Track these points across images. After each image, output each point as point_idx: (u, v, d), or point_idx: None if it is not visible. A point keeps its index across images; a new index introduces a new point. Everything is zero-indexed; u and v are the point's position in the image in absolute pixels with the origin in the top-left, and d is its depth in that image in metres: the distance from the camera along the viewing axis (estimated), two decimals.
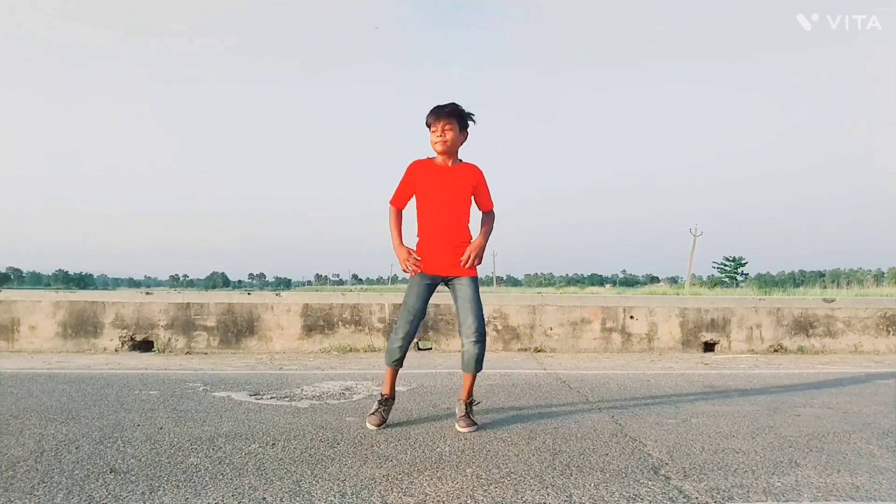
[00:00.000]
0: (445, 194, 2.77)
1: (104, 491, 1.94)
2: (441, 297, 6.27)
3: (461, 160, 2.87)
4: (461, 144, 2.82)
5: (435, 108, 2.75)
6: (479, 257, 2.82)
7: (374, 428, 2.74)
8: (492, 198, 2.94)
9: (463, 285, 2.79)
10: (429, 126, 2.77)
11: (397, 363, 2.86)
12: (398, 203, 2.87)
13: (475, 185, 2.85)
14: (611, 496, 1.92)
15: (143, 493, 1.93)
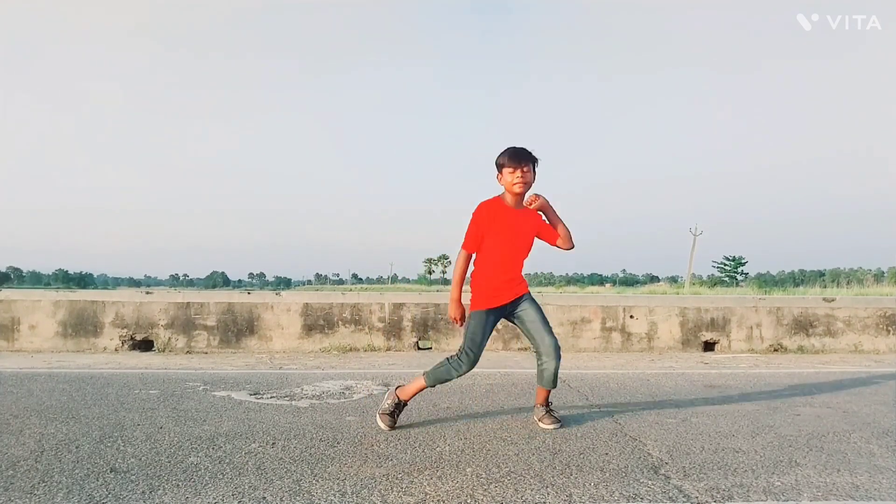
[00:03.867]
0: (515, 238, 2.82)
1: (104, 490, 1.95)
2: (442, 296, 6.27)
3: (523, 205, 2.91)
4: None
5: (517, 150, 2.76)
6: (544, 203, 2.89)
7: (386, 428, 2.75)
8: (550, 226, 2.96)
9: (526, 309, 2.87)
10: (502, 166, 2.79)
11: (433, 387, 2.90)
12: (473, 248, 2.85)
13: (540, 231, 2.91)
14: (611, 495, 1.92)
15: (143, 492, 1.93)
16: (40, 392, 3.62)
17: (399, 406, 2.85)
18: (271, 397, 3.50)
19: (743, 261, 66.68)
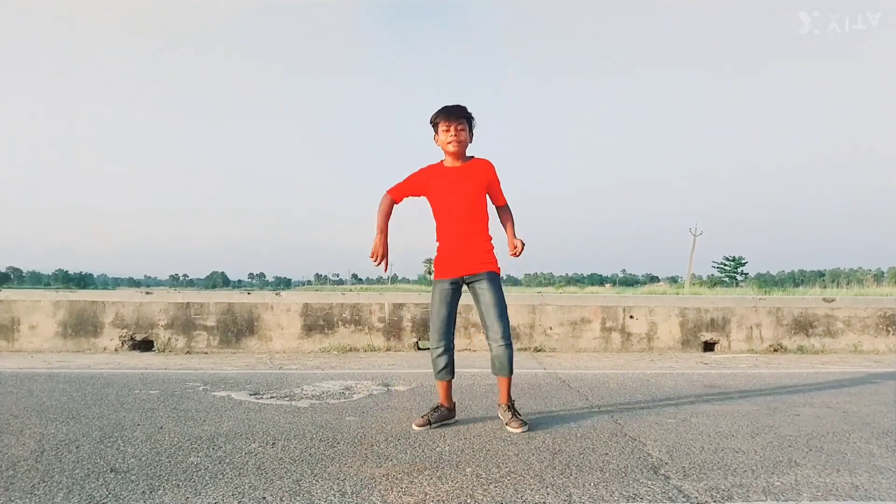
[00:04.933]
0: (460, 196, 2.75)
1: (104, 490, 1.95)
2: None
3: (471, 156, 2.85)
4: (468, 146, 2.80)
5: (445, 108, 2.72)
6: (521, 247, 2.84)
7: (418, 428, 2.73)
8: (503, 192, 2.90)
9: (484, 289, 2.77)
10: (435, 125, 2.74)
11: (445, 373, 2.81)
12: (395, 194, 2.84)
13: (488, 181, 2.82)
14: (610, 496, 1.92)
15: (143, 492, 1.93)
16: (40, 392, 3.62)
17: (436, 408, 2.83)
18: (271, 397, 3.51)
19: (743, 261, 66.69)
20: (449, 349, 2.79)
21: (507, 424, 2.76)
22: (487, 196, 2.86)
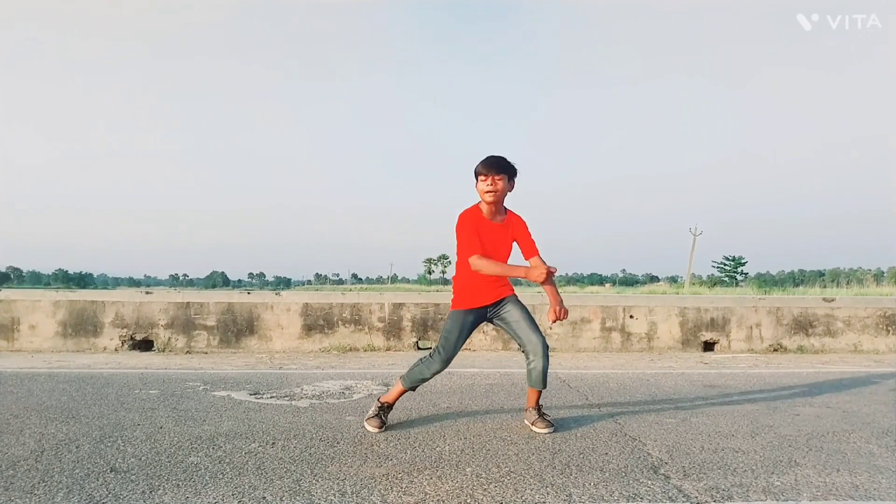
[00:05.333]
0: (496, 253, 2.82)
1: (104, 490, 1.95)
2: (442, 296, 6.27)
3: (506, 209, 2.91)
4: (507, 195, 2.86)
5: (487, 159, 2.78)
6: (564, 309, 2.83)
7: (375, 430, 2.74)
8: (536, 244, 2.95)
9: (510, 309, 2.84)
10: (477, 175, 2.80)
11: (413, 389, 2.90)
12: (480, 250, 2.79)
13: (518, 237, 2.90)
14: (610, 495, 1.92)
15: (143, 492, 1.93)
16: (40, 392, 3.62)
17: (383, 408, 2.84)
18: (271, 397, 3.51)
19: (743, 261, 66.67)
20: (438, 374, 2.86)
21: (532, 424, 2.77)
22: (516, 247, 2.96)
